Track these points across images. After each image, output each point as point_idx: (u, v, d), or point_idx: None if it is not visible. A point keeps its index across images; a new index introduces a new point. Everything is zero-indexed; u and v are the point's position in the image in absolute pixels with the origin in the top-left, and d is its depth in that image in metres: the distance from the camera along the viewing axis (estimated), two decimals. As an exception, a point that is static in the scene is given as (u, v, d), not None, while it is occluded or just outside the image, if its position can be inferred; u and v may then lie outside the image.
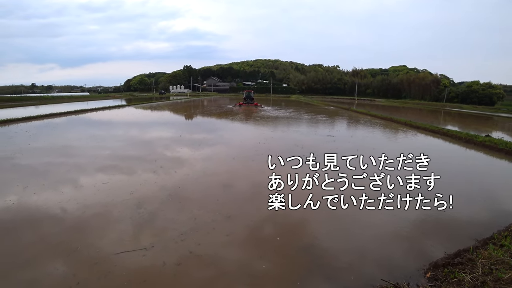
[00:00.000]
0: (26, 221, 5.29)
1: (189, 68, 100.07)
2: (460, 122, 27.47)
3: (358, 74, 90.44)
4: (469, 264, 3.92)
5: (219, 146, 12.13)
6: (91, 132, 15.34)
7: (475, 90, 62.67)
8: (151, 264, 4.08)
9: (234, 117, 24.46)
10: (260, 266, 4.14)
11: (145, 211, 5.66)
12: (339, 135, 15.21)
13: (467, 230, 5.20)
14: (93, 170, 8.30)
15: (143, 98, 55.38)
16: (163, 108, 33.98)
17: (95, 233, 4.92)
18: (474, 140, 13.78)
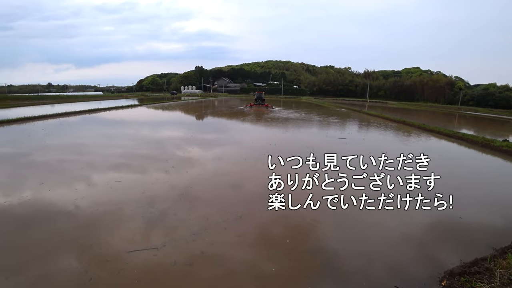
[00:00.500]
0: (42, 217, 5.41)
1: (200, 69, 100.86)
2: (476, 126, 26.78)
3: (370, 76, 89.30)
4: (486, 273, 3.80)
5: (230, 146, 12.16)
6: (104, 131, 15.63)
7: (491, 92, 61.07)
8: (162, 263, 4.10)
9: (245, 118, 24.50)
10: (270, 268, 4.11)
11: (156, 210, 5.71)
12: (350, 137, 15.04)
13: (484, 237, 5.04)
14: (106, 168, 8.44)
15: (155, 98, 56.11)
16: (174, 108, 34.33)
17: (107, 230, 4.99)
18: (491, 145, 13.39)
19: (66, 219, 5.36)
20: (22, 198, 6.15)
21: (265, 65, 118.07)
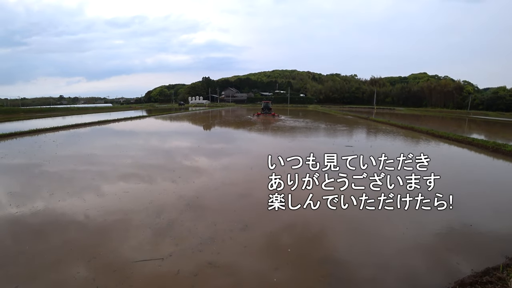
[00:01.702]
0: (52, 226, 5.52)
1: (207, 80, 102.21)
2: (486, 130, 26.30)
3: (377, 83, 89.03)
4: (499, 283, 3.69)
5: (237, 156, 12.22)
6: (114, 141, 15.89)
7: (502, 96, 60.10)
8: (168, 273, 4.11)
9: (252, 127, 24.61)
10: (277, 277, 4.08)
11: (163, 220, 5.75)
12: (357, 145, 14.95)
13: (496, 245, 4.91)
14: (115, 178, 8.57)
15: (163, 109, 56.99)
16: (182, 119, 34.73)
17: (115, 240, 5.04)
18: (503, 150, 13.10)
19: (76, 228, 5.44)
20: (34, 208, 6.28)
21: (271, 74, 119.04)
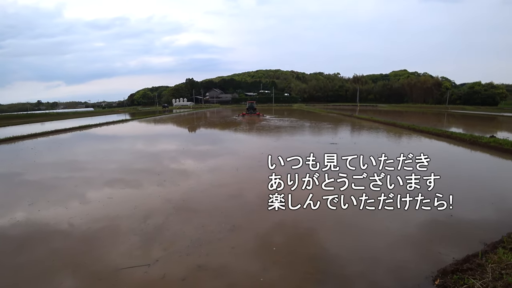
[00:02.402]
0: (34, 237, 5.32)
1: (191, 81, 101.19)
2: (464, 124, 27.28)
3: (359, 81, 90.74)
4: (478, 269, 3.84)
5: (223, 157, 12.16)
6: (97, 146, 15.51)
7: (477, 91, 62.60)
8: (155, 279, 4.05)
9: (237, 127, 24.57)
10: (267, 277, 4.10)
11: (149, 225, 5.65)
12: (342, 142, 15.18)
13: (475, 233, 5.09)
14: (99, 184, 8.36)
15: (147, 112, 56.02)
16: (166, 121, 34.27)
17: (100, 248, 4.90)
18: (479, 142, 13.64)
19: (60, 238, 5.26)
20: (13, 219, 6.04)
21: (255, 74, 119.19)
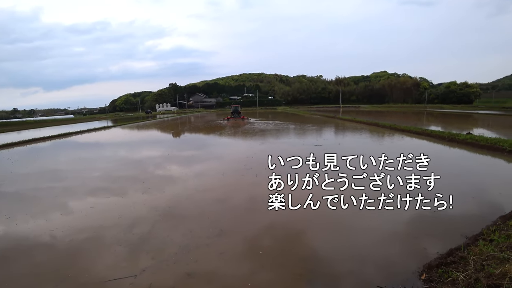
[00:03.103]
0: (13, 252, 5.07)
1: (174, 86, 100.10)
2: (443, 122, 28.27)
3: (342, 82, 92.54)
4: (461, 262, 3.96)
5: (208, 162, 12.05)
6: (78, 155, 15.04)
7: (453, 90, 65.08)
8: (143, 288, 3.94)
9: (222, 132, 24.47)
10: (256, 281, 4.07)
11: (134, 234, 5.50)
12: (326, 143, 15.37)
13: (457, 227, 5.24)
14: (82, 194, 8.08)
15: (129, 118, 54.95)
16: (150, 127, 33.70)
17: (84, 260, 4.72)
18: (457, 139, 14.19)
19: (41, 252, 5.04)
20: (-13, 234, 5.75)
21: (239, 78, 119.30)
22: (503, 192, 7.01)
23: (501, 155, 11.31)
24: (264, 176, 9.20)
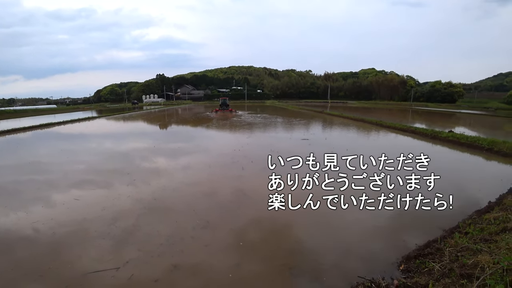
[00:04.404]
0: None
1: (162, 77, 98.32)
2: (427, 120, 28.96)
3: (330, 78, 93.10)
4: (438, 253, 4.13)
5: (195, 155, 11.99)
6: (61, 146, 14.61)
7: (438, 89, 66.60)
8: (124, 282, 3.93)
9: (210, 124, 24.32)
10: (240, 273, 4.12)
11: (118, 227, 5.45)
12: (313, 138, 15.53)
13: (436, 221, 5.42)
14: (65, 186, 7.90)
15: (115, 109, 53.74)
16: (136, 119, 33.10)
17: (66, 253, 4.66)
18: (439, 136, 14.65)
19: (23, 245, 4.93)
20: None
21: (228, 70, 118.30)
22: (481, 188, 7.29)
23: (480, 152, 11.73)
24: (250, 169, 9.30)
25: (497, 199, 6.28)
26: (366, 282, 3.68)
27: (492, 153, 11.42)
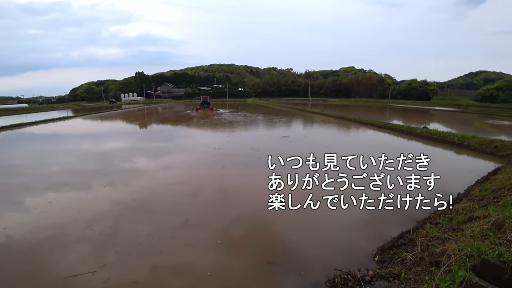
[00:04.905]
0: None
1: (141, 75, 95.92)
2: (404, 117, 29.97)
3: (311, 76, 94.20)
4: (410, 243, 4.32)
5: (175, 154, 11.85)
6: (35, 147, 14.03)
7: (414, 87, 69.01)
8: (100, 285, 3.85)
9: (191, 123, 24.07)
10: (217, 270, 4.14)
11: (94, 230, 5.30)
12: (294, 135, 15.72)
13: (409, 213, 5.60)
14: (40, 189, 7.62)
15: (92, 108, 51.96)
16: (115, 118, 32.20)
17: (40, 259, 4.49)
18: (414, 132, 15.25)
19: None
20: None
21: (209, 68, 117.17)
22: (451, 180, 7.65)
23: (451, 147, 12.31)
24: (230, 167, 9.29)
25: (466, 191, 6.63)
26: (342, 274, 3.79)
27: (462, 148, 12.02)
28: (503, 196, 5.41)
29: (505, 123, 24.92)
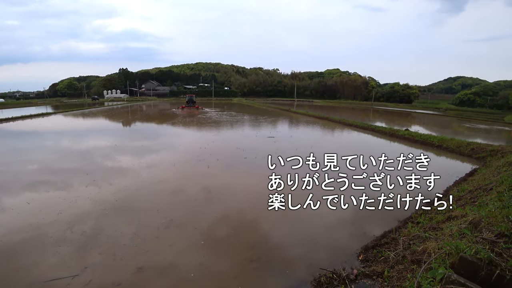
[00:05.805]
0: None
1: (125, 72, 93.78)
2: (386, 119, 30.73)
3: (297, 77, 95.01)
4: (393, 242, 4.45)
5: (159, 153, 11.66)
6: (11, 144, 13.44)
7: (397, 90, 70.97)
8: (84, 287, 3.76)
9: (176, 121, 23.76)
10: (203, 271, 4.12)
11: (75, 232, 5.15)
12: (279, 135, 15.81)
13: (392, 213, 5.76)
14: (15, 189, 7.30)
15: (73, 105, 50.33)
16: (97, 115, 31.31)
17: (18, 263, 4.31)
18: (396, 134, 15.66)
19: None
20: None
21: (195, 67, 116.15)
22: (431, 181, 7.90)
23: (431, 148, 12.73)
24: (216, 167, 9.25)
25: (444, 191, 6.87)
26: (328, 273, 3.85)
27: (441, 149, 12.45)
28: (479, 196, 5.64)
29: (480, 127, 26.01)
